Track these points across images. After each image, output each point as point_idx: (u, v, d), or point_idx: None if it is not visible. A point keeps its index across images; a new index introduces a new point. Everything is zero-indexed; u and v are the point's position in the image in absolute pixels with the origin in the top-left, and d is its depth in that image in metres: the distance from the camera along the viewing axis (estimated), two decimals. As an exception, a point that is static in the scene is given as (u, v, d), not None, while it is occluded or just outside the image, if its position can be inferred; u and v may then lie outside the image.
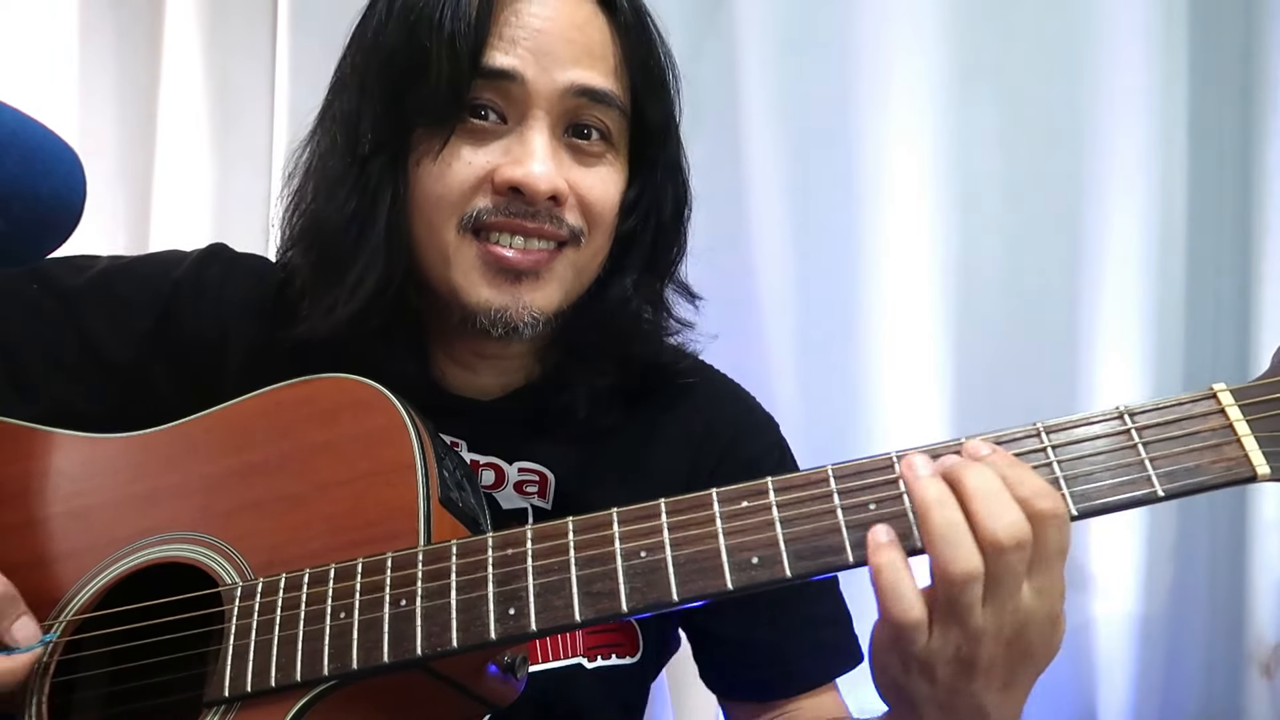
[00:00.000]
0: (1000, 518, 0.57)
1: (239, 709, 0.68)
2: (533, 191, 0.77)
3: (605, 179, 0.83)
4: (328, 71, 0.79)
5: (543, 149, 0.78)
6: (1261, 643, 1.49)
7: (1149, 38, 1.51)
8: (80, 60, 1.68)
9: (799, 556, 0.62)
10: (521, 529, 0.67)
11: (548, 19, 0.79)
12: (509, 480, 0.89)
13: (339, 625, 0.67)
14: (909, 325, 1.56)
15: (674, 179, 0.91)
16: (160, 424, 0.81)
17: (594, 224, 0.83)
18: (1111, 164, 1.52)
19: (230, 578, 0.72)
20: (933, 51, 1.55)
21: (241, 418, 0.79)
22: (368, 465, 0.73)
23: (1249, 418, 0.60)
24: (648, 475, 0.90)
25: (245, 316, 0.89)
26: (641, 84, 0.84)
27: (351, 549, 0.70)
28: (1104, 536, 1.52)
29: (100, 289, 0.90)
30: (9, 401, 0.86)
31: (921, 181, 1.55)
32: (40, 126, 0.67)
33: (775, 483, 0.64)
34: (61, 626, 0.75)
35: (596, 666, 0.90)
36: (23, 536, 0.79)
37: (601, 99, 0.80)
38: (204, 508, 0.76)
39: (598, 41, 0.81)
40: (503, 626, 0.64)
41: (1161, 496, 0.59)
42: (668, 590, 0.62)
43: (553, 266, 0.81)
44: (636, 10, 0.85)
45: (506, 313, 0.79)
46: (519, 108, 0.79)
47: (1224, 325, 1.54)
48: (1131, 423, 0.61)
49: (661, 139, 0.87)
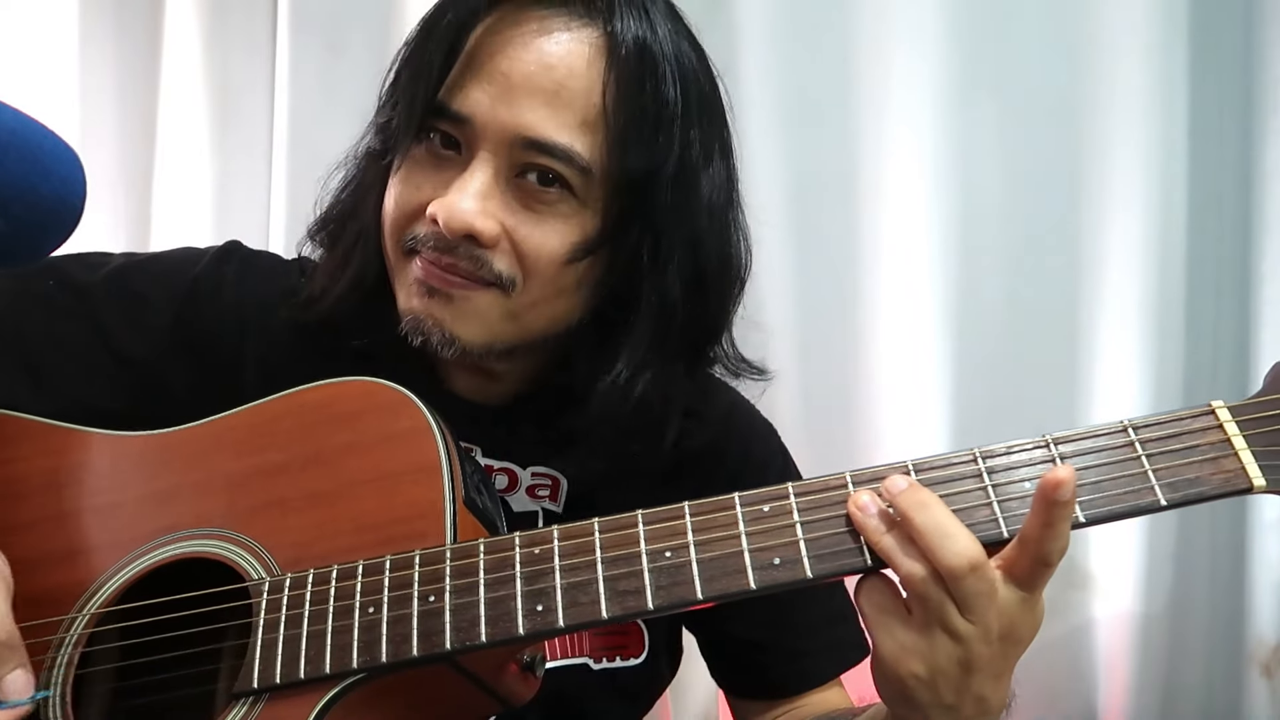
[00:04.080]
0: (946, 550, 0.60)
1: (267, 700, 0.68)
2: (446, 226, 0.76)
3: (549, 230, 0.78)
4: (328, 71, 0.79)
5: (476, 188, 0.76)
6: (1261, 643, 1.50)
7: (1149, 38, 1.51)
8: (80, 60, 1.67)
9: (819, 559, 0.64)
10: (548, 529, 0.68)
11: (519, 60, 0.76)
12: (521, 484, 0.90)
13: (368, 620, 0.68)
14: (908, 325, 1.56)
15: (686, 242, 0.82)
16: (176, 422, 0.81)
17: (529, 273, 0.78)
18: (1112, 165, 1.53)
19: (256, 573, 0.73)
20: (933, 51, 1.54)
21: (265, 418, 0.79)
22: (393, 466, 0.73)
23: (1245, 433, 0.63)
24: (661, 481, 0.89)
25: (263, 314, 0.90)
26: (628, 138, 0.77)
27: (377, 547, 0.70)
28: (1104, 537, 1.53)
29: (117, 285, 0.90)
30: (25, 398, 0.86)
31: (921, 181, 1.55)
32: (40, 126, 0.67)
33: (796, 488, 0.66)
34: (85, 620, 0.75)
35: (602, 668, 0.91)
36: (44, 532, 0.79)
37: (549, 151, 0.76)
38: (229, 505, 0.76)
39: (573, 89, 0.76)
40: (530, 622, 0.65)
41: (1164, 505, 0.62)
42: (692, 589, 0.64)
43: (470, 297, 0.79)
44: (641, 48, 0.77)
45: (422, 323, 0.80)
46: (471, 146, 0.78)
47: (1224, 325, 1.55)
48: (1135, 435, 0.64)
49: (646, 193, 0.79)
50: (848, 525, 0.64)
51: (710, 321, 0.88)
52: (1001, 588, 0.61)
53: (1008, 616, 0.62)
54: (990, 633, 0.61)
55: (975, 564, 0.60)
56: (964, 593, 0.61)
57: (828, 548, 0.64)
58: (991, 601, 0.61)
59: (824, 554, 0.64)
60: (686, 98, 0.80)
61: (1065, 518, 0.60)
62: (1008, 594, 0.61)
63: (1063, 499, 0.59)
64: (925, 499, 0.62)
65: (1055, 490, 0.59)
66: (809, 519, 0.65)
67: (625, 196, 0.79)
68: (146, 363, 0.89)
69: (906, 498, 0.62)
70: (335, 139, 0.92)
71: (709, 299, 0.85)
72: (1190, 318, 1.54)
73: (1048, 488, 0.59)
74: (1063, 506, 0.59)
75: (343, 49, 1.67)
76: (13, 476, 0.82)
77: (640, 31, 0.78)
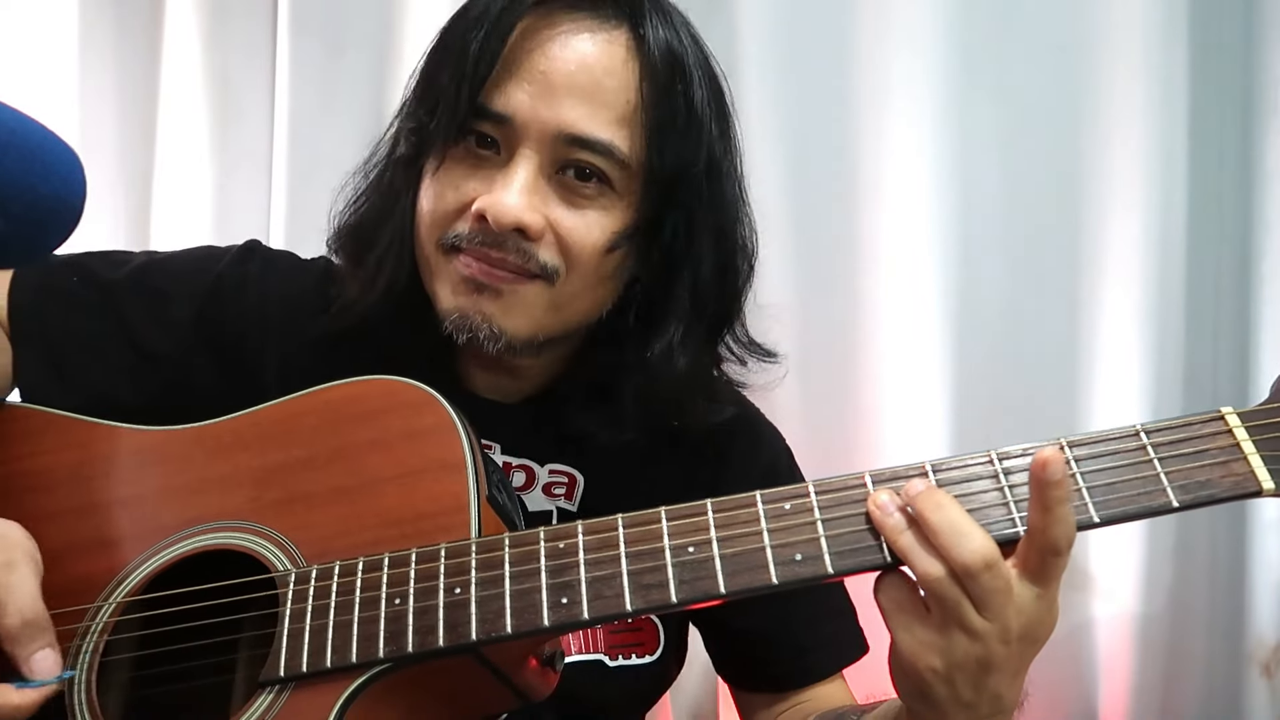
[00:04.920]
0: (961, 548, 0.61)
1: (293, 689, 0.69)
2: (496, 222, 0.78)
3: (592, 222, 0.81)
4: (328, 71, 0.79)
5: (520, 183, 0.79)
6: (1261, 643, 1.50)
7: (1149, 38, 1.51)
8: (80, 60, 1.67)
9: (840, 555, 0.65)
10: (572, 524, 0.70)
11: (557, 59, 0.79)
12: (538, 482, 0.91)
13: (394, 611, 0.68)
14: (908, 325, 1.56)
15: (715, 233, 0.88)
16: (199, 417, 0.82)
17: (572, 264, 0.82)
18: (1111, 165, 1.53)
19: (282, 565, 0.73)
20: (933, 51, 1.55)
21: (289, 415, 0.80)
22: (418, 462, 0.75)
23: (1254, 438, 0.64)
24: (673, 481, 0.89)
25: (285, 312, 0.91)
26: (660, 132, 0.81)
27: (403, 541, 0.71)
28: (1104, 537, 1.53)
29: (140, 282, 0.91)
30: (50, 391, 0.88)
31: (921, 181, 1.55)
32: (40, 126, 0.66)
33: (816, 486, 0.67)
34: (111, 609, 0.75)
35: (617, 665, 0.92)
36: (70, 523, 0.80)
37: (590, 147, 0.80)
38: (254, 498, 0.77)
39: (609, 87, 0.80)
40: (555, 615, 0.66)
41: (1176, 507, 0.63)
42: (715, 583, 0.65)
43: (517, 290, 0.81)
44: (670, 53, 0.81)
45: (468, 319, 0.81)
46: (511, 144, 0.80)
47: (1224, 325, 1.55)
48: (1147, 439, 0.65)
49: (681, 189, 0.84)
50: (867, 523, 0.65)
51: (730, 303, 0.92)
52: (1017, 585, 0.62)
53: (1025, 615, 0.62)
54: (1008, 631, 0.62)
55: (990, 561, 0.61)
56: (980, 590, 0.62)
57: (848, 544, 0.65)
58: (1008, 599, 0.62)
59: (844, 550, 0.65)
60: (710, 98, 0.85)
61: (1061, 500, 0.60)
62: (1023, 590, 0.62)
63: (1053, 478, 0.60)
64: (941, 500, 0.63)
65: (1044, 470, 0.60)
66: (829, 516, 0.66)
67: (661, 189, 0.83)
68: (170, 358, 0.90)
69: (924, 499, 0.64)
70: (335, 139, 0.93)
71: (730, 282, 0.91)
72: (1190, 318, 1.54)
73: (1037, 468, 0.61)
74: (1054, 487, 0.60)
75: (343, 49, 1.67)
76: (39, 469, 0.83)
77: (667, 35, 0.82)
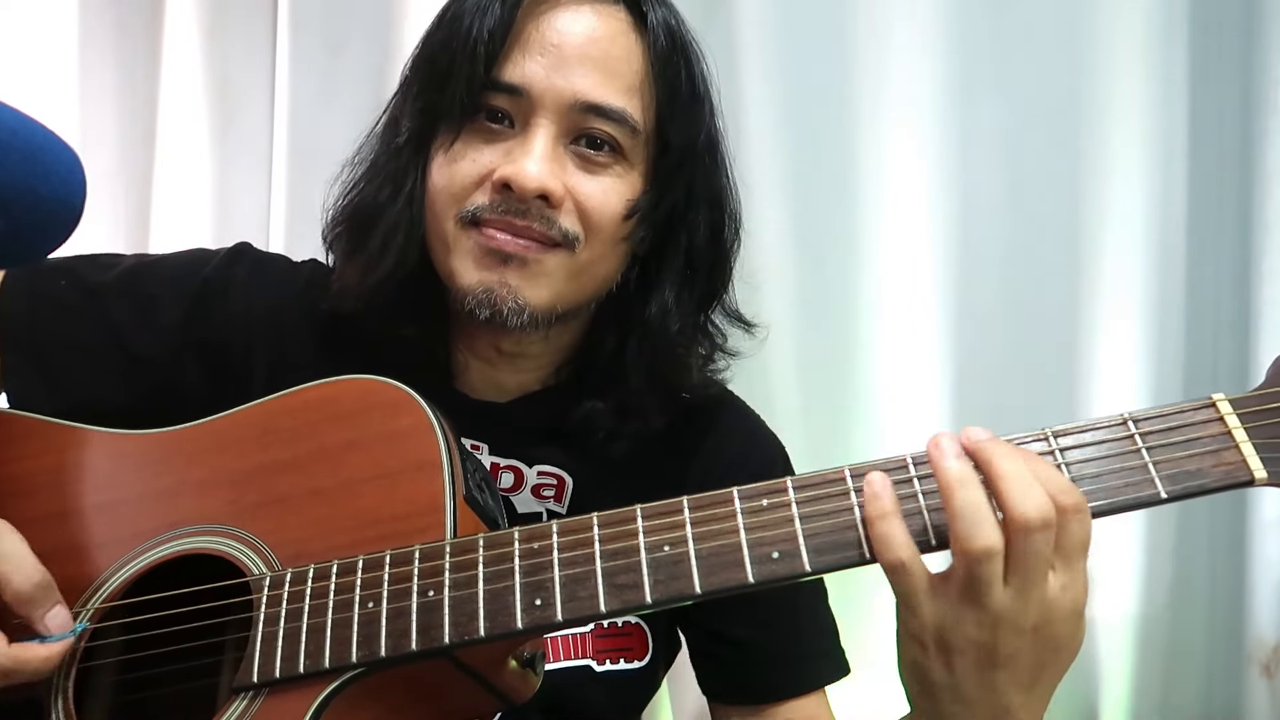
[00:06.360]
0: (1028, 499, 0.58)
1: (267, 694, 0.68)
2: (521, 188, 0.79)
3: (608, 188, 0.83)
4: (328, 71, 0.79)
5: (540, 151, 0.80)
6: (1261, 643, 1.50)
7: (1149, 38, 1.51)
8: (80, 61, 1.67)
9: (818, 551, 0.64)
10: (547, 524, 0.69)
11: (567, 33, 0.82)
12: (527, 483, 0.91)
13: (367, 614, 0.68)
14: (908, 324, 1.56)
15: (709, 202, 0.91)
16: (188, 420, 0.82)
17: (591, 230, 0.83)
18: (1111, 164, 1.53)
19: (258, 569, 0.73)
20: (933, 51, 1.55)
21: (267, 416, 0.80)
22: (394, 463, 0.74)
23: (1246, 425, 0.62)
24: (662, 484, 0.90)
25: (272, 315, 0.91)
26: (667, 103, 0.85)
27: (378, 543, 0.71)
28: (1104, 537, 1.52)
29: (128, 285, 0.91)
30: (37, 395, 0.88)
31: (921, 181, 1.55)
32: (40, 126, 0.66)
33: (794, 481, 0.66)
34: (89, 614, 0.75)
35: (605, 670, 0.91)
36: (50, 528, 0.79)
37: (606, 114, 0.82)
38: (231, 502, 0.77)
39: (617, 57, 0.83)
40: (529, 616, 0.65)
41: (1164, 498, 0.62)
42: (690, 583, 0.64)
43: (541, 260, 0.82)
44: (670, 31, 0.85)
45: (492, 293, 0.81)
46: (525, 116, 0.82)
47: (1224, 324, 1.55)
48: (1135, 428, 0.63)
49: (687, 159, 0.87)
50: (846, 518, 0.64)
51: (720, 268, 0.94)
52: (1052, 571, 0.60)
53: (1046, 604, 0.60)
54: (1023, 615, 0.59)
55: (1049, 522, 0.59)
56: (1026, 550, 0.58)
57: (826, 540, 0.64)
58: (1042, 573, 0.59)
59: (822, 546, 0.63)
60: (706, 81, 0.89)
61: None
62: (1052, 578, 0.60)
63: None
64: (1010, 449, 0.61)
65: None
66: (807, 511, 0.65)
67: (669, 158, 0.86)
68: (158, 362, 0.90)
69: (992, 445, 0.61)
70: (335, 139, 0.93)
71: (721, 247, 0.93)
72: (1190, 317, 1.54)
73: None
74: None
75: (343, 49, 1.67)
76: (18, 474, 0.83)
77: (666, 15, 0.86)
